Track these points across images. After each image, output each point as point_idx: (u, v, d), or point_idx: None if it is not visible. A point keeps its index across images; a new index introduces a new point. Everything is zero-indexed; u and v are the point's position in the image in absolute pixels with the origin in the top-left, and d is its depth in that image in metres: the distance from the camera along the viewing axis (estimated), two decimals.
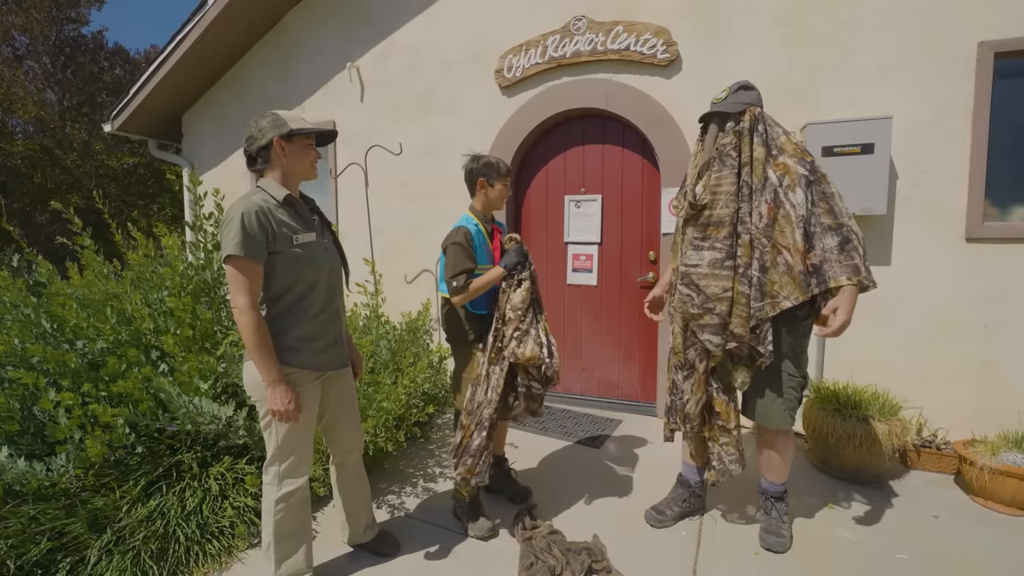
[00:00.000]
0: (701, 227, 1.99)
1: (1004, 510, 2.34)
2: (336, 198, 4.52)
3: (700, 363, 2.04)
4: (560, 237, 3.89)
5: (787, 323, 1.93)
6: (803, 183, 1.85)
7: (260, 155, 1.69)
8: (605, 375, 3.87)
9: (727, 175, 1.92)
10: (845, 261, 1.81)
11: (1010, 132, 2.73)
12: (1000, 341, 2.75)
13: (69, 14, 11.86)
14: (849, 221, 1.83)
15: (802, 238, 1.84)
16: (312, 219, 1.80)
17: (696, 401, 2.07)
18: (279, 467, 1.75)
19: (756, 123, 1.91)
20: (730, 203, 1.92)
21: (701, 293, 1.97)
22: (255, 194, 1.66)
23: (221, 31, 4.43)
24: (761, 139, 1.91)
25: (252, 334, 1.58)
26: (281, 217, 1.66)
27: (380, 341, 3.18)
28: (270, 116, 1.68)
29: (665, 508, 2.32)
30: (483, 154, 2.27)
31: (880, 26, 2.87)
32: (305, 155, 1.74)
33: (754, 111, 1.92)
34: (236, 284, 1.57)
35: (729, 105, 1.94)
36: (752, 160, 1.90)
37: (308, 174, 1.79)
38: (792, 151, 1.90)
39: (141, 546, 1.96)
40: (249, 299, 1.58)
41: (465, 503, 2.27)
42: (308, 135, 1.73)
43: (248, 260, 1.57)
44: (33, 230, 10.39)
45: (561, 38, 3.57)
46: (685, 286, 2.02)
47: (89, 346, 2.38)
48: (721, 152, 1.94)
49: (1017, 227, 2.73)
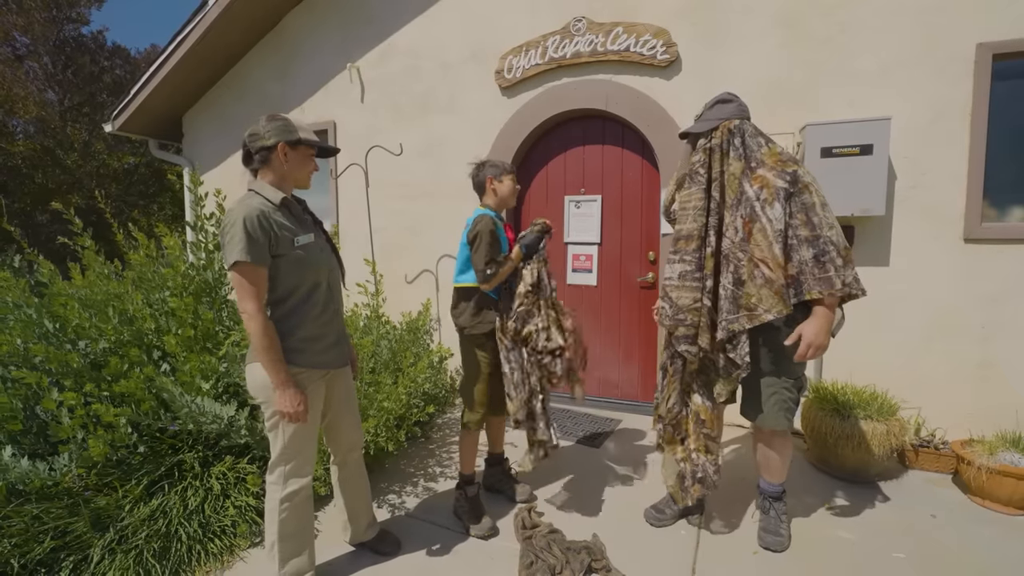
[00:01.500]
0: (673, 240, 2.06)
1: (1001, 509, 2.35)
2: (336, 198, 4.53)
3: (671, 366, 2.15)
4: (560, 237, 3.90)
5: (764, 333, 1.97)
6: (781, 196, 1.85)
7: (259, 154, 1.69)
8: (605, 375, 3.88)
9: (695, 191, 1.99)
10: (820, 274, 1.82)
11: (1008, 133, 2.74)
12: (998, 341, 2.76)
13: (69, 14, 11.87)
14: (828, 232, 1.82)
15: (780, 251, 1.85)
16: (307, 219, 1.81)
17: (666, 399, 2.16)
18: (284, 467, 1.76)
19: (732, 137, 1.95)
20: (698, 217, 1.98)
21: (673, 304, 2.02)
22: (251, 198, 1.65)
23: (222, 31, 4.44)
24: (738, 153, 1.93)
25: (261, 337, 1.59)
26: (280, 220, 1.66)
27: (381, 341, 3.19)
28: (281, 120, 1.69)
29: (664, 507, 2.33)
30: (485, 160, 2.31)
31: (880, 27, 2.88)
32: (305, 165, 1.76)
33: (728, 125, 1.95)
34: (243, 290, 1.58)
35: (700, 125, 2.02)
36: (723, 175, 1.95)
37: (303, 183, 1.81)
38: (773, 163, 1.91)
39: (143, 545, 1.98)
40: (257, 303, 1.59)
41: (466, 502, 2.28)
42: (312, 147, 1.75)
43: (254, 265, 1.57)
44: (34, 230, 10.41)
45: (561, 39, 3.58)
46: (661, 298, 2.12)
47: (91, 346, 2.39)
48: (692, 169, 2.02)
49: (1015, 228, 2.74)
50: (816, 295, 1.82)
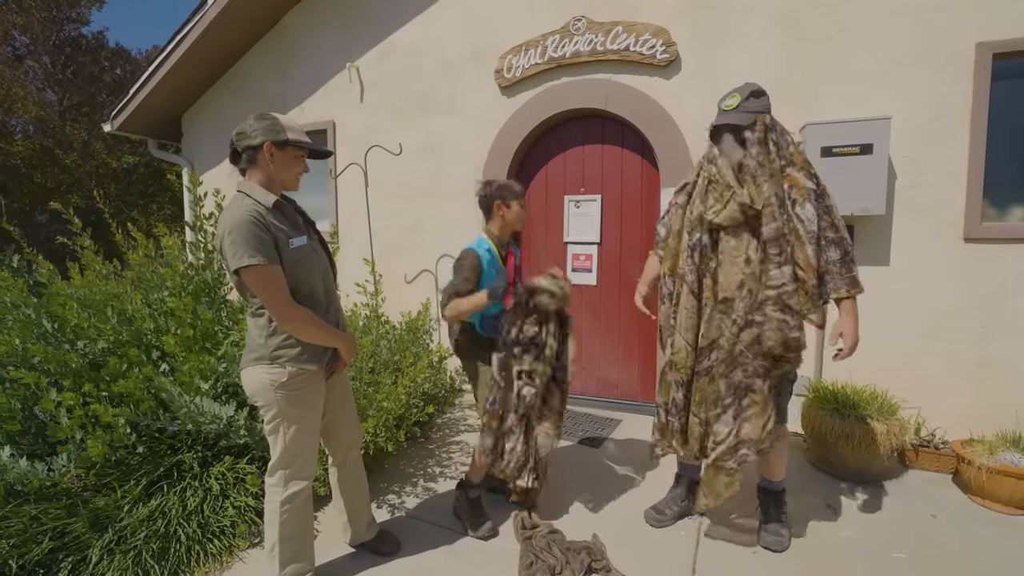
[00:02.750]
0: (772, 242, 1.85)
1: (1002, 509, 2.35)
2: (336, 198, 4.53)
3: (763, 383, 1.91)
4: (560, 237, 3.89)
5: None
6: (812, 197, 1.85)
7: (246, 153, 1.65)
8: (604, 375, 3.88)
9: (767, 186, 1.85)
10: (846, 274, 1.85)
11: (1008, 133, 2.74)
12: (998, 341, 2.76)
13: (69, 14, 11.85)
14: (845, 233, 1.87)
15: (813, 253, 1.83)
16: (299, 221, 1.77)
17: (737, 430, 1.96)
18: (285, 470, 1.75)
19: (769, 132, 1.88)
20: (778, 215, 1.84)
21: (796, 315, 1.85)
22: (243, 199, 1.60)
23: (221, 31, 4.43)
24: (776, 148, 1.89)
25: (307, 324, 1.63)
26: (275, 222, 1.62)
27: (380, 341, 3.18)
28: (269, 119, 1.64)
29: (664, 508, 2.33)
30: (493, 179, 2.25)
31: (879, 26, 2.88)
32: (293, 167, 1.71)
33: (765, 120, 1.89)
34: (266, 290, 1.56)
35: (740, 117, 1.89)
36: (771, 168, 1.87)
37: (291, 185, 1.75)
38: (800, 163, 1.89)
39: (142, 545, 1.97)
40: (285, 296, 1.59)
41: (466, 502, 2.28)
42: (301, 148, 1.70)
43: (269, 265, 1.55)
44: (33, 230, 10.40)
45: (561, 38, 3.58)
46: (781, 310, 1.85)
47: (90, 346, 2.39)
48: (757, 162, 1.86)
49: (1015, 227, 2.74)
50: (844, 294, 1.85)
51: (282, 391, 1.67)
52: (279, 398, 1.67)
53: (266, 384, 1.65)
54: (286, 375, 1.66)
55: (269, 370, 1.66)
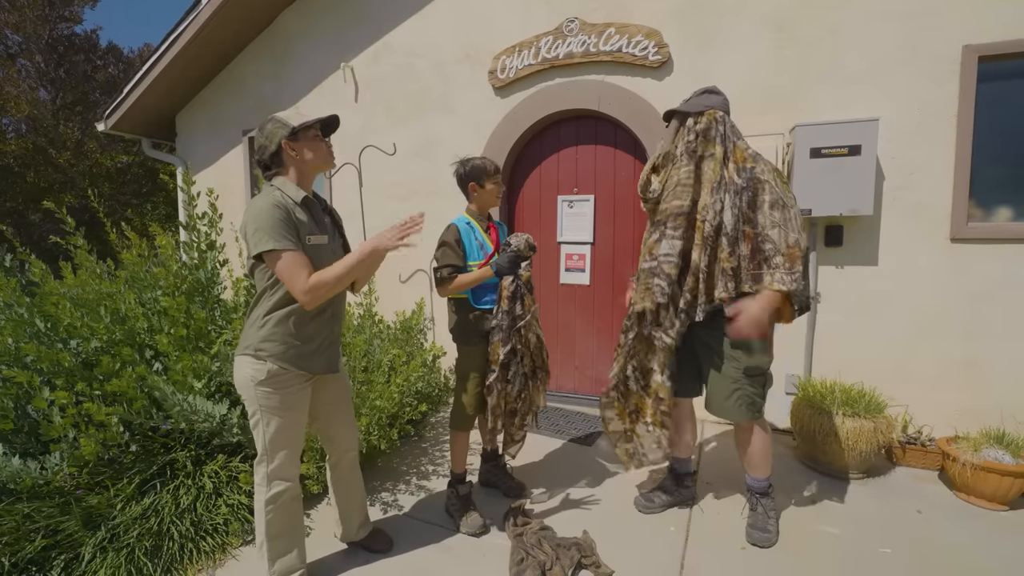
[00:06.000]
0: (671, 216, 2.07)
1: (985, 504, 2.39)
2: (331, 198, 4.53)
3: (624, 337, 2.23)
4: (553, 237, 3.92)
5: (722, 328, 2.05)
6: (732, 190, 1.96)
7: (274, 161, 1.72)
8: (597, 373, 3.90)
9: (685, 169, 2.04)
10: (753, 269, 1.94)
11: (993, 134, 2.78)
12: (984, 340, 2.80)
13: (62, 12, 11.79)
14: (771, 231, 1.90)
15: (727, 243, 1.96)
16: (324, 221, 1.81)
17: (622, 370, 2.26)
18: (267, 468, 1.75)
19: (717, 125, 2.02)
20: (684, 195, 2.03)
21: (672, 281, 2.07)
22: (273, 191, 1.66)
23: (215, 30, 4.43)
24: (721, 140, 2.02)
25: (326, 284, 1.62)
26: (299, 216, 1.67)
27: (374, 340, 3.20)
28: (271, 121, 1.69)
29: (654, 496, 2.39)
30: (469, 157, 2.32)
31: (868, 29, 2.91)
32: (315, 148, 1.74)
33: (715, 114, 2.03)
34: (290, 274, 1.58)
35: (689, 106, 2.07)
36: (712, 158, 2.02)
37: (324, 165, 1.79)
38: (737, 159, 2.00)
39: (135, 543, 1.98)
40: (307, 273, 1.61)
41: (457, 499, 2.30)
42: (312, 127, 1.73)
43: (293, 251, 1.59)
44: (26, 229, 10.35)
45: (554, 39, 3.60)
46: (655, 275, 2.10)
47: (83, 345, 2.39)
48: (687, 147, 2.05)
49: (1001, 227, 2.78)
50: (747, 289, 1.95)
51: (262, 388, 1.68)
52: (259, 395, 1.68)
53: (247, 378, 1.67)
54: (265, 372, 1.67)
55: (252, 364, 1.68)
